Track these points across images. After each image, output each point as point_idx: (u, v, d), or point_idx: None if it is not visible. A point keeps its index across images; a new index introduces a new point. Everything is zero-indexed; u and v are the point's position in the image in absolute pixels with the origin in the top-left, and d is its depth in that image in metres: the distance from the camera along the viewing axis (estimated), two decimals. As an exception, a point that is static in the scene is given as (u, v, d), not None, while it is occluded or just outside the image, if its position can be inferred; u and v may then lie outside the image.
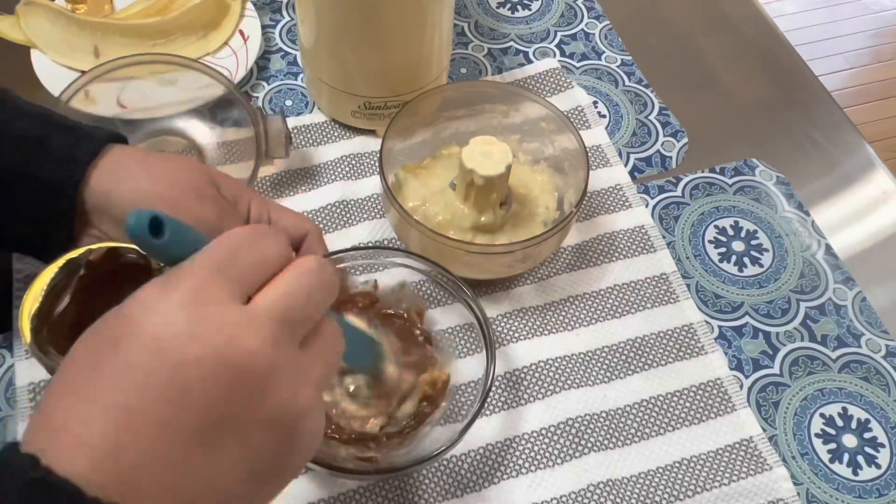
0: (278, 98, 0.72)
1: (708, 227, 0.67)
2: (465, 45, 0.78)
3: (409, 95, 0.62)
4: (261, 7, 0.78)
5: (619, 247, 0.65)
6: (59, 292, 0.46)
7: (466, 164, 0.57)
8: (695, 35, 0.81)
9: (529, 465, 0.55)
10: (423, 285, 0.58)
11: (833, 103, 0.77)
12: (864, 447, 0.57)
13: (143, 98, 0.67)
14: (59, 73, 0.69)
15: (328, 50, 0.64)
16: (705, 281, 0.64)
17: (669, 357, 0.60)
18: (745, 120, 0.75)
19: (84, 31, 0.70)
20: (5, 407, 0.56)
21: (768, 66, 0.79)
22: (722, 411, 0.58)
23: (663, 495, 0.54)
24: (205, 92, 0.66)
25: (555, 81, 0.75)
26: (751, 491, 0.55)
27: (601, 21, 0.81)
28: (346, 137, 0.70)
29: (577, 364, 0.59)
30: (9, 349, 0.58)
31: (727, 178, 0.70)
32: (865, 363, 0.61)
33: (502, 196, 0.60)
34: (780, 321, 0.62)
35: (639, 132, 0.73)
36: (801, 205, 0.69)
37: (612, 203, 0.68)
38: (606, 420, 0.57)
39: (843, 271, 0.65)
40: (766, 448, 0.56)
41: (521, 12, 0.81)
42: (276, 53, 0.75)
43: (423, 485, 0.54)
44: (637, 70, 0.77)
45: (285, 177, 0.67)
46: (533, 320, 0.61)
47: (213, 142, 0.68)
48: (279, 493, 0.33)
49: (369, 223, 0.65)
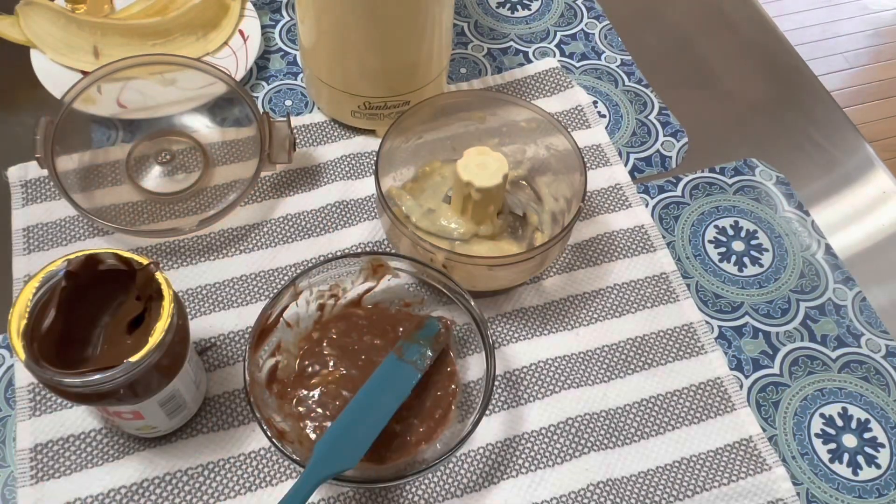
0: (278, 98, 0.72)
1: (708, 227, 0.67)
2: (464, 45, 0.77)
3: (408, 95, 0.62)
4: (261, 7, 0.78)
5: (618, 246, 0.65)
6: (45, 306, 0.46)
7: (463, 176, 0.56)
8: (695, 35, 0.81)
9: (529, 465, 0.55)
10: (419, 288, 0.58)
11: (833, 103, 0.77)
12: (864, 447, 0.57)
13: (143, 98, 0.66)
14: (58, 73, 0.69)
15: (328, 50, 0.64)
16: (705, 281, 0.64)
17: (669, 357, 0.60)
18: (745, 120, 0.75)
19: (84, 31, 0.70)
20: (5, 407, 0.56)
21: (768, 66, 0.79)
22: (722, 411, 0.58)
23: (663, 495, 0.54)
24: (205, 91, 0.66)
25: (554, 81, 0.75)
26: (750, 491, 0.55)
27: (601, 21, 0.81)
28: (345, 137, 0.70)
29: (576, 364, 0.59)
30: (8, 349, 0.58)
31: (727, 177, 0.70)
32: (865, 363, 0.61)
33: (499, 206, 0.60)
34: (780, 321, 0.62)
35: (639, 132, 0.73)
36: (801, 205, 0.69)
37: (612, 203, 0.68)
38: (606, 420, 0.57)
39: (842, 271, 0.65)
40: (765, 448, 0.56)
41: (520, 12, 0.81)
42: (275, 53, 0.75)
43: (423, 485, 0.54)
44: (637, 70, 0.77)
45: (285, 177, 0.67)
46: (532, 320, 0.61)
47: (214, 141, 0.68)
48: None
49: (369, 223, 0.65)
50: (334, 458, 0.48)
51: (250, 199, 0.66)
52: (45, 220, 0.63)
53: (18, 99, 0.72)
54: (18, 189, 0.65)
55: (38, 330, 0.45)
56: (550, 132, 0.61)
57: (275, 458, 0.55)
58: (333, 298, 0.57)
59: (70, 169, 0.63)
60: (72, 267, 0.46)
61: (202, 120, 0.68)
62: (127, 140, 0.67)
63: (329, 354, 0.56)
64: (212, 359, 0.58)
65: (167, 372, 0.48)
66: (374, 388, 0.52)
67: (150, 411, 0.49)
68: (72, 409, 0.55)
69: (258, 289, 0.61)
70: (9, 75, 0.72)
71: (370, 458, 0.52)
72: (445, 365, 0.56)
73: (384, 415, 0.51)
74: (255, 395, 0.50)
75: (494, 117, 0.63)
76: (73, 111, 0.62)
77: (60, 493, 0.52)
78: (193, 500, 0.53)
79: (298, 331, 0.56)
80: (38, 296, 0.45)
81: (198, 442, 0.55)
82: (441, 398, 0.55)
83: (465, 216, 0.59)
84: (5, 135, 0.69)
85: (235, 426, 0.55)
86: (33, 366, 0.43)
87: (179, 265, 0.62)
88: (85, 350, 0.47)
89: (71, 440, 0.54)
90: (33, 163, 0.65)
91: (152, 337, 0.44)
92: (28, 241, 0.62)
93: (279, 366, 0.55)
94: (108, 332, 0.48)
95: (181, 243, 0.63)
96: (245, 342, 0.59)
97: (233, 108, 0.67)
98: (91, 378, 0.43)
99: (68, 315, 0.47)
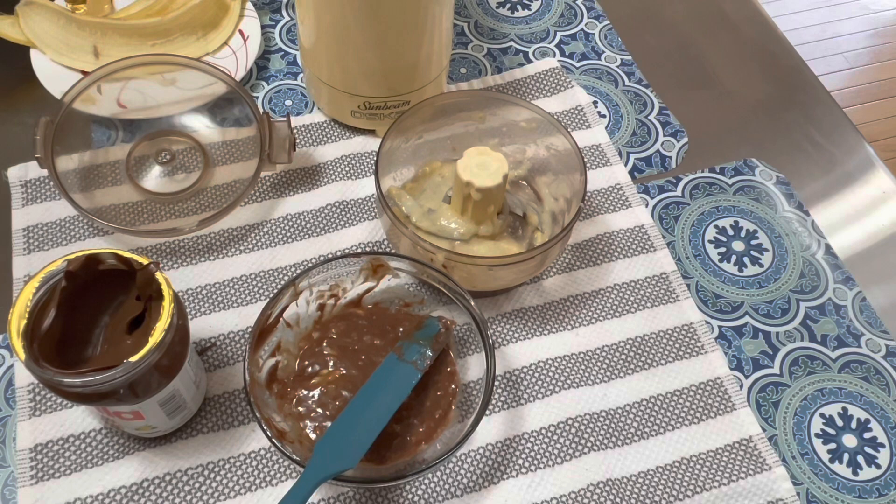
0: (278, 98, 0.72)
1: (708, 227, 0.67)
2: (464, 45, 0.77)
3: (408, 95, 0.62)
4: (261, 7, 0.78)
5: (618, 246, 0.65)
6: (45, 306, 0.46)
7: (463, 176, 0.56)
8: (695, 35, 0.81)
9: (529, 465, 0.55)
10: (419, 288, 0.58)
11: (833, 103, 0.77)
12: (864, 447, 0.57)
13: (143, 98, 0.66)
14: (58, 73, 0.69)
15: (328, 50, 0.64)
16: (705, 281, 0.64)
17: (669, 356, 0.60)
18: (745, 120, 0.75)
19: (84, 31, 0.70)
20: (5, 407, 0.56)
21: (768, 66, 0.79)
22: (722, 411, 0.58)
23: (663, 495, 0.54)
24: (205, 91, 0.66)
25: (554, 81, 0.75)
26: (750, 491, 0.55)
27: (601, 21, 0.81)
28: (345, 137, 0.70)
29: (576, 364, 0.59)
30: (8, 349, 0.58)
31: (727, 177, 0.70)
32: (865, 363, 0.61)
33: (499, 206, 0.60)
34: (780, 321, 0.62)
35: (639, 132, 0.73)
36: (801, 205, 0.69)
37: (612, 203, 0.68)
38: (606, 420, 0.57)
39: (842, 271, 0.65)
40: (765, 448, 0.56)
41: (520, 12, 0.81)
42: (275, 53, 0.75)
43: (423, 485, 0.54)
44: (637, 70, 0.77)
45: (285, 177, 0.67)
46: (532, 320, 0.61)
47: (214, 141, 0.68)
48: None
49: (369, 223, 0.65)
50: (334, 458, 0.48)
51: (250, 199, 0.66)
52: (45, 220, 0.63)
53: (18, 99, 0.72)
54: (18, 189, 0.65)
55: (38, 330, 0.45)
56: (550, 132, 0.61)
57: (275, 458, 0.55)
58: (333, 298, 0.57)
59: (70, 169, 0.63)
60: (72, 267, 0.46)
61: (202, 120, 0.68)
62: (127, 140, 0.67)
63: (329, 354, 0.56)
64: (212, 359, 0.58)
65: (167, 372, 0.48)
66: (374, 388, 0.52)
67: (150, 411, 0.49)
68: (72, 409, 0.55)
69: (258, 289, 0.61)
70: (9, 75, 0.72)
71: (370, 458, 0.52)
72: (445, 365, 0.56)
73: (384, 415, 0.51)
74: (255, 395, 0.50)
75: (494, 117, 0.63)
76: (73, 111, 0.62)
77: (60, 493, 0.52)
78: (193, 500, 0.53)
79: (298, 331, 0.56)
80: (38, 296, 0.45)
81: (198, 442, 0.55)
82: (441, 398, 0.55)
83: (465, 216, 0.59)
84: (5, 135, 0.69)
85: (235, 426, 0.55)
86: (33, 366, 0.43)
87: (179, 265, 0.62)
88: (85, 350, 0.47)
89: (71, 440, 0.54)
90: (33, 163, 0.65)
91: (152, 337, 0.44)
92: (28, 241, 0.62)
93: (279, 366, 0.55)
94: (108, 332, 0.48)
95: (181, 243, 0.63)
96: (245, 342, 0.59)
97: (233, 108, 0.67)
98: (91, 378, 0.43)
99: (68, 315, 0.47)
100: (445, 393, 0.55)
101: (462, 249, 0.59)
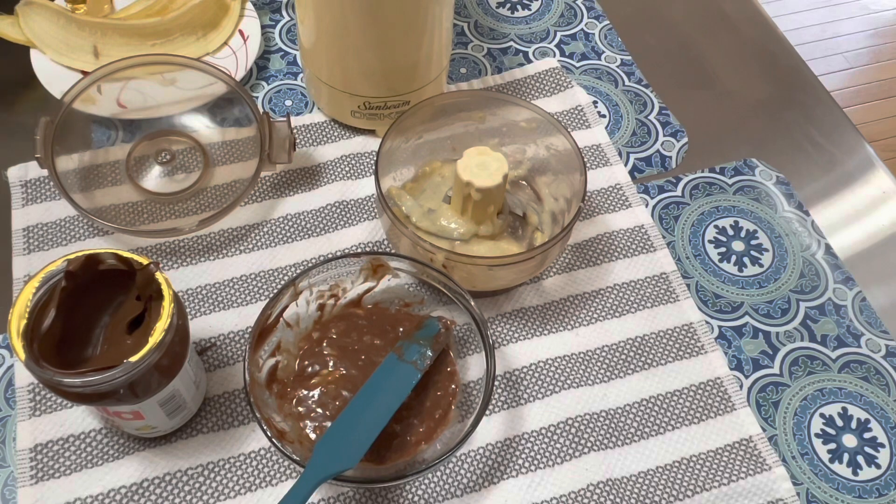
0: (278, 98, 0.72)
1: (708, 227, 0.67)
2: (464, 45, 0.77)
3: (408, 95, 0.62)
4: (260, 7, 0.78)
5: (618, 246, 0.65)
6: (45, 306, 0.46)
7: (463, 176, 0.56)
8: (695, 35, 0.81)
9: (529, 465, 0.55)
10: (419, 288, 0.58)
11: (833, 103, 0.77)
12: (864, 447, 0.57)
13: (143, 98, 0.66)
14: (58, 73, 0.69)
15: (328, 50, 0.64)
16: (705, 281, 0.64)
17: (669, 356, 0.60)
18: (745, 120, 0.75)
19: (83, 31, 0.70)
20: (5, 407, 0.56)
21: (768, 66, 0.79)
22: (721, 411, 0.58)
23: (662, 495, 0.54)
24: (205, 91, 0.66)
25: (554, 81, 0.75)
26: (750, 491, 0.55)
27: (601, 21, 0.81)
28: (345, 137, 0.70)
29: (576, 364, 0.59)
30: (8, 349, 0.58)
31: (727, 177, 0.70)
32: (865, 363, 0.61)
33: (499, 206, 0.60)
34: (779, 321, 0.62)
35: (639, 132, 0.73)
36: (801, 205, 0.69)
37: (612, 203, 0.68)
38: (606, 420, 0.57)
39: (842, 271, 0.65)
40: (765, 448, 0.56)
41: (520, 12, 0.81)
42: (275, 53, 0.75)
43: (423, 485, 0.54)
44: (637, 70, 0.77)
45: (285, 177, 0.67)
46: (532, 320, 0.61)
47: (214, 141, 0.68)
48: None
49: (369, 223, 0.65)
50: (334, 458, 0.48)
51: (250, 199, 0.66)
52: (45, 220, 0.63)
53: (18, 99, 0.72)
54: (18, 189, 0.65)
55: (38, 330, 0.45)
56: (550, 132, 0.61)
57: (275, 458, 0.55)
58: (333, 298, 0.57)
59: (70, 169, 0.63)
60: (72, 267, 0.46)
61: (202, 120, 0.68)
62: (127, 140, 0.67)
63: (329, 354, 0.56)
64: (212, 359, 0.58)
65: (167, 372, 0.48)
66: (374, 389, 0.52)
67: (150, 411, 0.49)
68: (72, 409, 0.55)
69: (258, 289, 0.61)
70: (9, 75, 0.72)
71: (370, 458, 0.52)
72: (445, 365, 0.56)
73: (384, 415, 0.51)
74: (255, 395, 0.50)
75: (494, 117, 0.63)
76: (73, 111, 0.62)
77: (60, 493, 0.52)
78: (193, 500, 0.53)
79: (298, 331, 0.56)
80: (38, 296, 0.45)
81: (198, 442, 0.55)
82: (441, 398, 0.55)
83: (465, 216, 0.59)
84: (5, 135, 0.69)
85: (235, 426, 0.55)
86: (33, 366, 0.43)
87: (179, 265, 0.62)
88: (85, 350, 0.47)
89: (71, 440, 0.54)
90: (33, 163, 0.65)
91: (152, 337, 0.44)
92: (28, 241, 0.62)
93: (279, 366, 0.55)
94: (108, 332, 0.48)
95: (181, 243, 0.63)
96: (245, 342, 0.59)
97: (233, 108, 0.67)
98: (91, 378, 0.43)
99: (68, 315, 0.47)
100: (445, 393, 0.55)
101: (462, 249, 0.59)
